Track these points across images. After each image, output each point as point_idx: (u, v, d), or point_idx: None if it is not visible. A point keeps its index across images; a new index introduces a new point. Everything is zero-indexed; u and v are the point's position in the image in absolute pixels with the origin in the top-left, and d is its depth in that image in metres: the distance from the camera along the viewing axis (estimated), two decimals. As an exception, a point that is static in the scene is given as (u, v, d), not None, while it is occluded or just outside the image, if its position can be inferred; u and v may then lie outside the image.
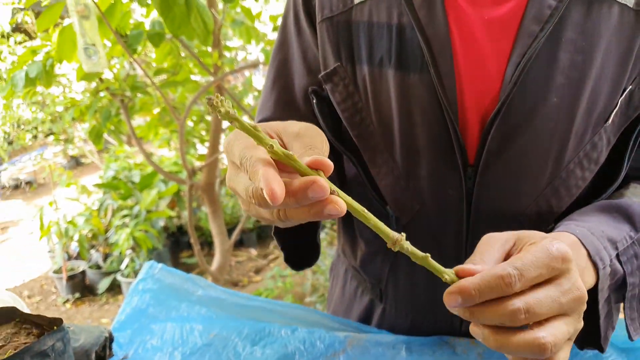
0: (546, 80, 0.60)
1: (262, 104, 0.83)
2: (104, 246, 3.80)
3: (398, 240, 0.47)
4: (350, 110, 0.71)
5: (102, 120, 2.48)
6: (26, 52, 2.08)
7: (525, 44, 0.59)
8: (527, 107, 0.61)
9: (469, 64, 0.63)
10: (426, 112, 0.65)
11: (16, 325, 0.63)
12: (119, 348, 0.83)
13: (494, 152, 0.64)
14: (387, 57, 0.66)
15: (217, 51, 2.15)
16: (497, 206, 0.67)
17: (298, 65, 0.78)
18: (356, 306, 0.91)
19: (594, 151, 0.64)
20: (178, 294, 0.94)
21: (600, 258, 0.56)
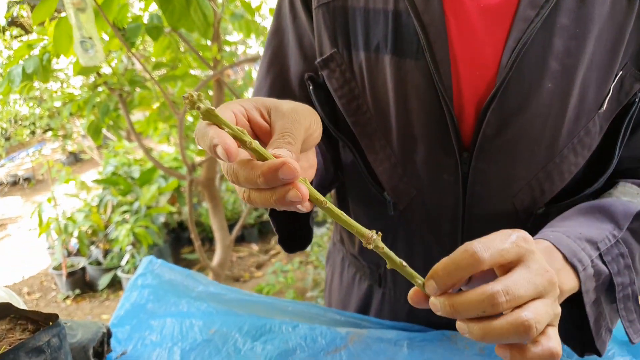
0: (541, 65, 0.61)
1: (256, 89, 0.82)
2: (104, 242, 3.79)
3: (371, 238, 0.46)
4: (347, 96, 0.71)
5: (100, 115, 2.46)
6: (22, 46, 2.06)
7: (520, 29, 0.60)
8: (523, 92, 0.62)
9: (465, 50, 0.64)
10: (422, 98, 0.66)
11: (11, 321, 0.62)
12: (117, 344, 0.81)
13: (490, 136, 0.64)
14: (383, 43, 0.66)
15: (216, 45, 2.13)
16: (491, 190, 0.69)
17: (294, 51, 0.78)
18: (355, 293, 0.91)
19: (587, 137, 0.65)
20: (178, 290, 0.93)
21: (578, 260, 0.55)
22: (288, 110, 0.49)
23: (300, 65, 0.77)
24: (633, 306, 0.60)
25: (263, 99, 0.51)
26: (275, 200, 0.43)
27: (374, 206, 0.79)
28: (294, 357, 0.74)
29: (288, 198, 0.42)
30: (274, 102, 0.50)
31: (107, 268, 3.66)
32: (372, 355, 0.74)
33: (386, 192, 0.75)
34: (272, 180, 0.41)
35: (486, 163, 0.66)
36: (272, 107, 0.49)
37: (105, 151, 4.70)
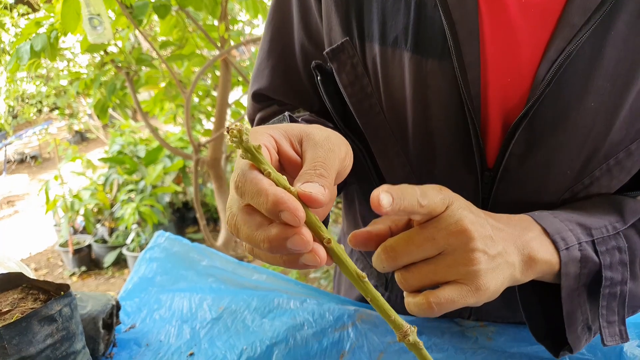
0: (585, 81, 0.52)
1: (257, 71, 0.75)
2: (110, 220, 3.82)
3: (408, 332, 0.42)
4: (358, 95, 0.62)
5: (107, 94, 2.46)
6: (30, 23, 2.05)
7: (565, 37, 0.50)
8: (559, 111, 0.53)
9: (498, 55, 0.54)
10: (444, 105, 0.57)
11: (23, 291, 0.63)
12: (126, 316, 0.82)
13: (517, 157, 0.56)
14: (402, 37, 0.57)
15: (223, 24, 2.12)
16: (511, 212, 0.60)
17: (298, 29, 0.69)
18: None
19: (629, 159, 0.56)
20: (185, 263, 0.93)
21: (561, 238, 0.51)
22: (321, 138, 0.44)
23: (305, 46, 0.69)
24: (617, 308, 0.54)
25: (293, 127, 0.45)
26: (284, 263, 0.39)
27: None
28: (302, 332, 0.74)
29: (302, 261, 0.38)
30: (306, 130, 0.45)
31: (112, 246, 3.69)
32: (379, 335, 0.74)
33: None
34: (279, 249, 0.37)
35: (510, 185, 0.59)
36: (304, 136, 0.45)
37: (111, 130, 4.70)
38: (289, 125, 0.46)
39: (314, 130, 0.46)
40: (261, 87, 0.74)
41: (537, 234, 0.52)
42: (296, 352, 0.71)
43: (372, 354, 0.70)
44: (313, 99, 0.72)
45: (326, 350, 0.71)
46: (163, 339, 0.77)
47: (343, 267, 0.40)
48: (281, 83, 0.73)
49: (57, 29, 1.92)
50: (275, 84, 0.73)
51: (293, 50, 0.71)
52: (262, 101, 0.76)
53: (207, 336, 0.76)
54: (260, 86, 0.74)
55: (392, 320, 0.41)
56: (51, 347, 0.56)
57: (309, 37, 0.68)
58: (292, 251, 0.37)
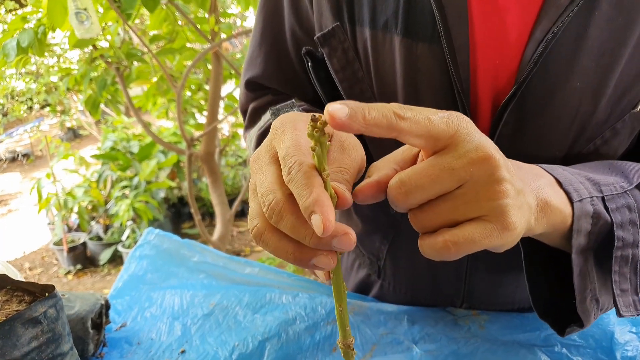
0: (571, 62, 0.52)
1: (250, 59, 0.75)
2: (104, 217, 3.80)
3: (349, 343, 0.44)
4: (349, 80, 0.63)
5: (98, 90, 2.44)
6: (16, 19, 2.03)
7: (551, 17, 0.51)
8: (546, 91, 0.54)
9: (487, 37, 0.55)
10: (434, 88, 0.58)
11: (7, 293, 0.61)
12: (117, 315, 0.81)
13: (507, 137, 0.57)
14: (392, 21, 0.57)
15: (213, 16, 2.10)
16: None
17: (289, 16, 0.69)
18: (352, 278, 0.88)
19: (615, 139, 0.57)
20: (175, 260, 0.92)
21: (575, 189, 0.48)
22: (349, 144, 0.43)
23: (297, 33, 0.69)
24: (629, 274, 0.51)
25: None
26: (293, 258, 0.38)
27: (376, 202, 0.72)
28: (294, 327, 0.73)
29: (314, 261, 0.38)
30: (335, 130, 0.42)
31: (107, 243, 3.68)
32: (372, 327, 0.73)
33: None
34: (323, 243, 0.36)
35: None
36: (335, 134, 0.44)
37: (103, 126, 4.68)
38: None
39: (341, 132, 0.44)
40: (255, 75, 0.74)
41: (550, 181, 0.48)
42: (288, 347, 0.70)
43: (364, 346, 0.70)
44: (306, 86, 0.72)
45: (319, 344, 0.71)
46: (154, 336, 0.76)
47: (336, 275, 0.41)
48: (274, 70, 0.73)
49: (45, 24, 1.89)
50: (268, 72, 0.73)
51: (284, 38, 0.71)
52: (255, 90, 0.76)
53: (198, 333, 0.75)
54: (254, 74, 0.74)
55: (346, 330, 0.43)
56: (37, 349, 0.55)
57: (299, 23, 0.68)
58: (336, 248, 0.37)
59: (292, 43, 0.70)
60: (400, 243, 0.74)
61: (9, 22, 2.06)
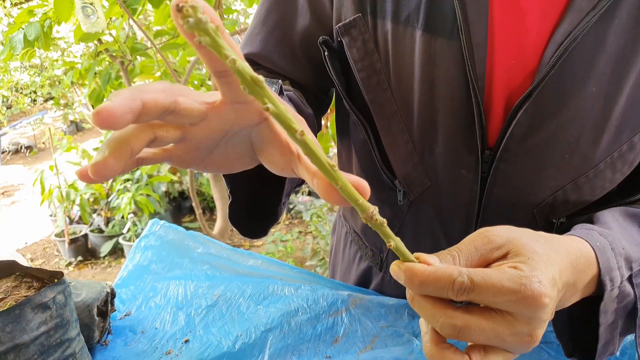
0: (588, 66, 0.53)
1: (250, 35, 0.74)
2: (106, 210, 3.82)
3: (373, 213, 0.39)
4: (367, 70, 0.64)
5: (102, 83, 2.45)
6: (23, 12, 2.04)
7: (572, 22, 0.52)
8: (562, 94, 0.55)
9: (505, 37, 0.56)
10: (450, 83, 0.58)
11: (16, 279, 0.63)
12: (121, 304, 0.82)
13: (517, 137, 0.58)
14: (414, 16, 0.58)
15: (218, 13, 2.10)
16: (511, 194, 0.62)
17: (303, 2, 0.70)
18: (354, 270, 0.89)
19: (631, 152, 0.58)
20: (179, 251, 0.94)
21: (610, 279, 0.48)
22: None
23: (307, 20, 0.69)
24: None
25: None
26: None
27: (382, 192, 0.73)
28: (296, 318, 0.75)
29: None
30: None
31: (109, 235, 3.70)
32: (373, 320, 0.74)
33: (398, 179, 0.69)
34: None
35: (509, 165, 0.60)
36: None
37: (106, 120, 4.68)
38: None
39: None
40: (251, 52, 0.74)
41: (592, 279, 0.48)
42: (290, 338, 0.72)
43: (365, 338, 0.71)
44: (306, 71, 0.73)
45: (320, 335, 0.72)
46: (158, 325, 0.77)
47: (314, 158, 0.37)
48: (275, 51, 0.73)
49: (51, 18, 1.90)
50: (268, 51, 0.73)
51: (294, 20, 0.71)
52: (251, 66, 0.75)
53: (202, 323, 0.76)
54: (252, 50, 0.74)
55: (360, 203, 0.39)
56: (45, 334, 0.56)
57: (313, 10, 0.69)
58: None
59: (301, 27, 0.70)
60: (404, 235, 0.74)
61: (16, 16, 2.07)
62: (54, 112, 6.85)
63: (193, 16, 0.27)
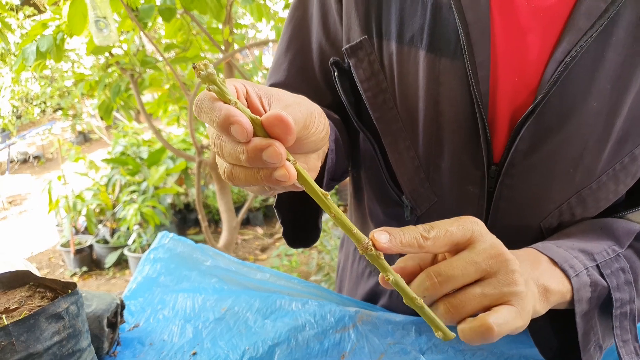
0: (588, 82, 0.55)
1: (274, 66, 0.78)
2: (112, 221, 3.83)
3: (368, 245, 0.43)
4: (374, 90, 0.66)
5: (111, 95, 2.48)
6: (36, 25, 2.07)
7: (572, 40, 0.54)
8: (564, 110, 0.56)
9: (508, 55, 0.58)
10: (455, 101, 0.60)
11: (30, 289, 0.64)
12: (130, 315, 0.83)
13: (522, 152, 0.59)
14: (418, 37, 0.60)
15: (227, 27, 2.13)
16: (518, 209, 0.63)
17: (317, 28, 0.73)
18: (362, 286, 0.89)
19: (633, 164, 0.60)
20: (188, 263, 0.94)
21: (570, 265, 0.54)
22: (292, 101, 0.45)
23: (323, 45, 0.72)
24: (629, 326, 0.57)
25: (268, 88, 0.46)
26: (260, 178, 0.41)
27: (390, 206, 0.75)
28: (303, 333, 0.75)
29: (275, 176, 0.40)
30: (278, 93, 0.46)
31: (114, 247, 3.71)
32: (380, 337, 0.75)
33: (405, 195, 0.70)
34: (255, 160, 0.39)
35: (515, 180, 0.61)
36: (275, 97, 0.45)
37: (114, 131, 4.73)
38: (262, 86, 0.46)
39: (287, 94, 0.46)
40: (277, 81, 0.77)
41: (547, 266, 0.54)
42: (298, 353, 0.72)
43: (372, 355, 0.71)
44: (326, 94, 0.76)
45: (327, 351, 0.72)
46: (166, 338, 0.78)
47: (308, 187, 0.42)
48: (296, 78, 0.76)
49: (63, 31, 1.93)
50: (290, 79, 0.76)
51: (310, 48, 0.74)
52: None
53: (209, 336, 0.77)
54: (277, 80, 0.77)
55: (354, 234, 0.43)
56: (58, 344, 0.57)
57: (327, 35, 0.72)
58: (267, 164, 0.38)
59: (317, 53, 0.74)
60: None
61: (29, 28, 2.10)
62: (63, 123, 6.90)
63: (204, 70, 0.37)
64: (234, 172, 0.42)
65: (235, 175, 0.42)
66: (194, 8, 1.94)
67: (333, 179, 0.71)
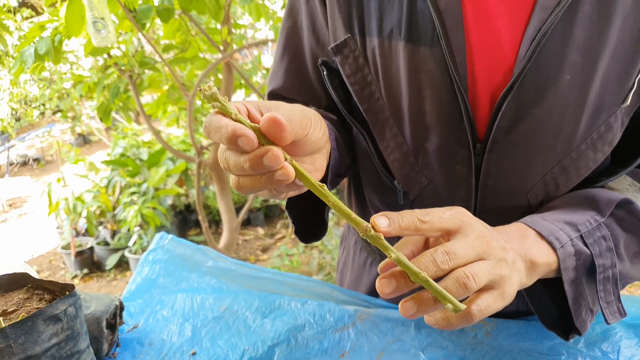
0: (560, 56, 0.59)
1: (272, 73, 0.82)
2: (112, 223, 3.83)
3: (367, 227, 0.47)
4: (360, 83, 0.70)
5: (110, 97, 2.48)
6: (34, 27, 2.07)
7: (541, 18, 0.58)
8: (540, 84, 0.60)
9: (482, 38, 0.62)
10: (436, 86, 0.64)
11: (28, 291, 0.63)
12: (129, 317, 0.83)
13: (504, 129, 0.63)
14: (397, 29, 0.65)
15: (226, 27, 2.13)
16: (505, 183, 0.67)
17: (307, 34, 0.77)
18: (365, 277, 0.92)
19: (609, 132, 0.63)
20: (188, 265, 0.94)
21: (555, 238, 0.58)
22: (287, 108, 0.50)
23: (314, 49, 0.76)
24: (612, 288, 0.61)
25: (265, 102, 0.51)
26: (264, 182, 0.45)
27: (385, 194, 0.78)
28: (303, 333, 0.75)
29: (276, 177, 0.44)
30: (276, 104, 0.50)
31: (114, 248, 3.70)
32: (380, 334, 0.75)
33: (397, 180, 0.73)
34: (257, 167, 0.44)
35: (500, 156, 0.65)
36: (273, 107, 0.50)
37: (113, 133, 4.72)
38: (261, 101, 0.51)
39: (283, 104, 0.51)
40: (276, 88, 0.81)
41: (534, 240, 0.58)
42: (297, 353, 0.72)
43: (372, 353, 0.71)
44: (321, 95, 0.80)
45: (327, 350, 0.72)
46: (165, 337, 0.78)
47: (306, 181, 0.46)
48: (293, 83, 0.80)
49: (61, 33, 1.93)
50: (288, 84, 0.80)
51: (303, 53, 0.79)
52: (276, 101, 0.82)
53: (208, 335, 0.77)
54: (275, 86, 0.81)
55: (353, 219, 0.47)
56: (56, 346, 0.57)
57: (316, 40, 0.76)
58: (268, 167, 0.43)
59: (309, 58, 0.78)
60: None
61: (27, 31, 2.10)
62: (62, 125, 6.90)
63: (208, 91, 0.43)
64: (241, 181, 0.48)
65: (242, 184, 0.48)
66: (193, 8, 1.94)
67: (338, 175, 0.75)
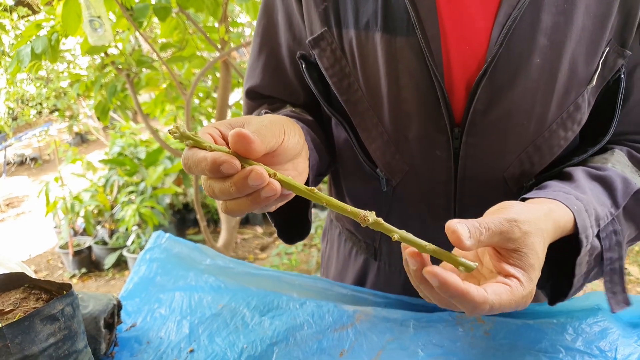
0: (530, 41, 0.62)
1: (250, 70, 0.83)
2: (110, 222, 3.82)
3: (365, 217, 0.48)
4: (338, 75, 0.71)
5: (108, 96, 2.47)
6: (31, 26, 2.06)
7: (510, 4, 0.61)
8: (512, 68, 0.63)
9: (455, 26, 0.64)
10: (413, 75, 0.66)
11: (25, 291, 0.63)
12: (127, 316, 0.83)
13: (480, 112, 0.66)
14: (373, 21, 0.66)
15: (223, 26, 2.12)
16: (483, 164, 0.70)
17: (284, 30, 0.78)
18: (351, 267, 0.93)
19: (577, 112, 0.67)
20: (185, 263, 0.94)
21: (586, 236, 0.59)
22: (257, 121, 0.50)
23: (291, 45, 0.77)
24: (618, 279, 0.64)
25: (236, 119, 0.52)
26: (251, 202, 0.46)
27: (368, 183, 0.80)
28: (302, 332, 0.75)
29: (263, 195, 0.45)
30: (247, 119, 0.51)
31: (112, 248, 3.69)
32: (379, 334, 0.75)
33: (379, 168, 0.75)
34: (243, 188, 0.44)
35: (477, 138, 0.68)
36: (245, 123, 0.50)
37: (111, 132, 4.71)
38: (232, 119, 0.52)
39: (254, 117, 0.52)
40: (253, 85, 0.82)
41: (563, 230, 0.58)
42: (296, 351, 0.72)
43: (371, 352, 0.71)
44: (299, 91, 0.81)
45: (326, 349, 0.72)
46: (163, 335, 0.77)
47: (295, 190, 0.47)
48: (271, 80, 0.81)
49: (58, 31, 1.92)
50: (265, 81, 0.82)
51: (280, 50, 0.79)
52: (255, 98, 0.84)
53: (206, 332, 0.77)
54: (253, 84, 0.82)
55: (350, 211, 0.47)
56: (53, 346, 0.56)
57: (293, 36, 0.77)
58: (253, 187, 0.44)
59: (287, 54, 0.79)
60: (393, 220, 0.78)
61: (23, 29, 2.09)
62: (59, 124, 6.89)
63: (177, 132, 0.44)
64: (228, 205, 0.48)
65: (230, 207, 0.48)
66: (190, 6, 1.94)
67: (320, 174, 0.76)
